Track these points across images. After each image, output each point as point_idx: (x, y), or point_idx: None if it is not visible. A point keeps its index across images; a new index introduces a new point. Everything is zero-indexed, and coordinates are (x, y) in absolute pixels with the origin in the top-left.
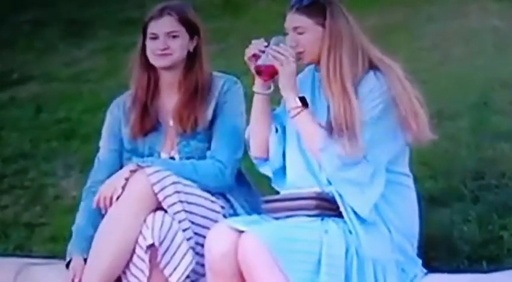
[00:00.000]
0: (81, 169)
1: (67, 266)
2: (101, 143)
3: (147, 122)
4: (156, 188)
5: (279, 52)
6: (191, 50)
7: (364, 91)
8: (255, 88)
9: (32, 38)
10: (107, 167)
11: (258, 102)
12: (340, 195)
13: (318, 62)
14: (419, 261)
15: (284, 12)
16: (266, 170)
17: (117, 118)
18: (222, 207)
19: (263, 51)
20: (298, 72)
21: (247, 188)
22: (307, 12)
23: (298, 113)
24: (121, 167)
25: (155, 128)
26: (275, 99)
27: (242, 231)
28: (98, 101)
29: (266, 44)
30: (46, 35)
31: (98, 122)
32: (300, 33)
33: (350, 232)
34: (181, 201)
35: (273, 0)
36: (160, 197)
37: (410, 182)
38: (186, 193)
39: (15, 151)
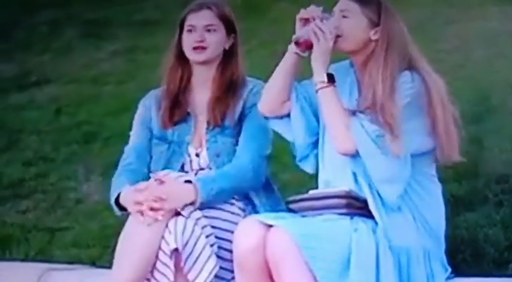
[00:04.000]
0: (102, 173)
1: (116, 203)
2: (132, 133)
3: (177, 112)
4: None
5: (320, 28)
6: (227, 47)
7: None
8: (292, 47)
9: (49, 40)
10: (137, 152)
11: (288, 58)
12: (369, 186)
13: (351, 54)
14: (444, 258)
15: None
16: (277, 126)
17: (148, 108)
18: (243, 210)
19: (314, 19)
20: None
21: (270, 193)
22: (360, 1)
23: (324, 87)
24: (150, 153)
25: (184, 119)
26: None
27: (271, 226)
28: (118, 104)
29: (321, 13)
30: (63, 36)
31: (118, 125)
32: (344, 17)
33: (376, 223)
34: (200, 208)
35: (294, 1)
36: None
37: (435, 179)
38: None
39: (35, 154)
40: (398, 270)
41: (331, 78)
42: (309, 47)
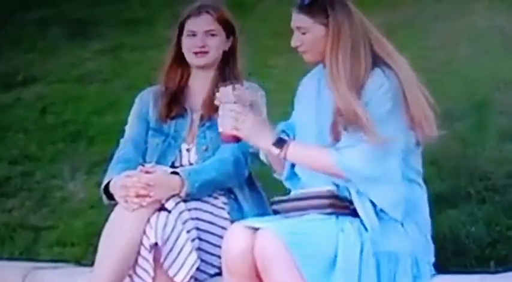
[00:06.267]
0: (87, 171)
1: (105, 191)
2: (127, 126)
3: (175, 108)
4: None
5: (231, 111)
6: (226, 49)
7: (372, 88)
8: None
9: (36, 39)
10: (133, 142)
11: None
12: (357, 192)
13: (323, 61)
14: (432, 259)
15: (289, 12)
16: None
17: (145, 102)
18: (226, 204)
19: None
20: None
21: (254, 190)
22: (308, 11)
23: (286, 153)
24: (146, 144)
25: (182, 115)
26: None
27: (258, 229)
28: (103, 103)
29: (232, 95)
30: (50, 35)
31: (104, 124)
32: (303, 33)
33: (366, 229)
34: (184, 201)
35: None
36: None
37: (420, 180)
38: None
39: (21, 153)
40: (385, 274)
41: (282, 142)
42: (235, 138)
